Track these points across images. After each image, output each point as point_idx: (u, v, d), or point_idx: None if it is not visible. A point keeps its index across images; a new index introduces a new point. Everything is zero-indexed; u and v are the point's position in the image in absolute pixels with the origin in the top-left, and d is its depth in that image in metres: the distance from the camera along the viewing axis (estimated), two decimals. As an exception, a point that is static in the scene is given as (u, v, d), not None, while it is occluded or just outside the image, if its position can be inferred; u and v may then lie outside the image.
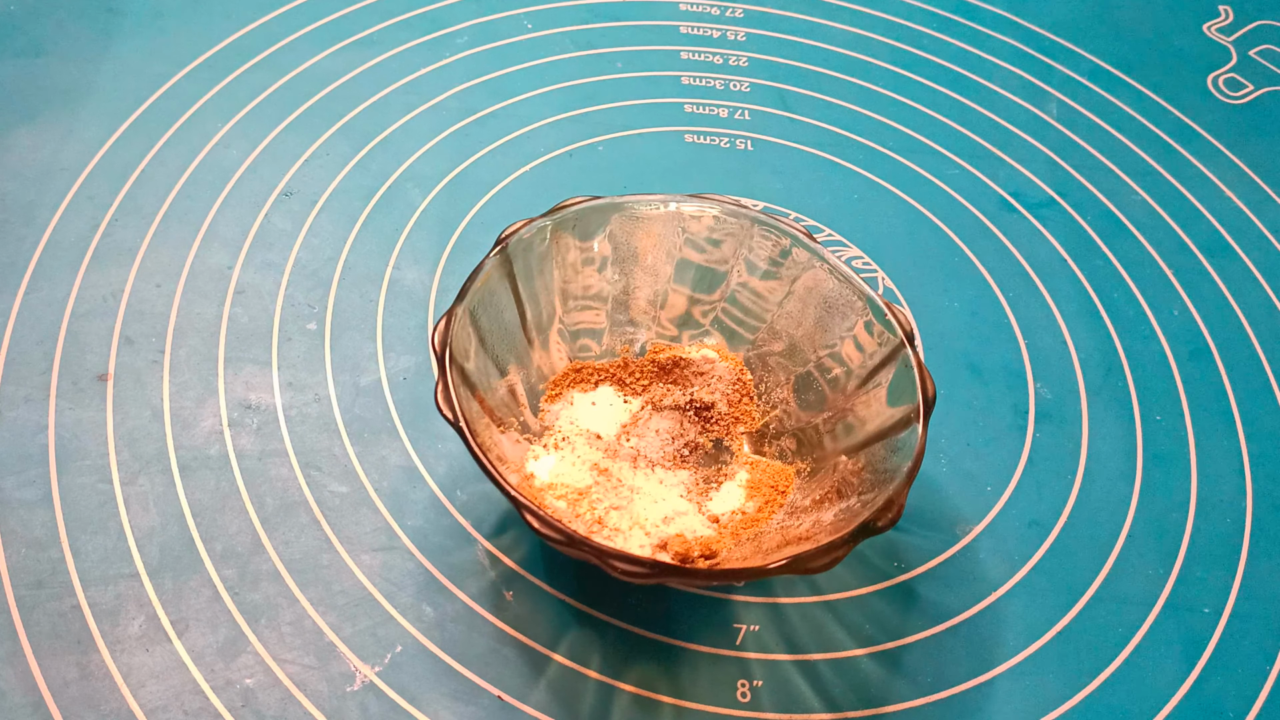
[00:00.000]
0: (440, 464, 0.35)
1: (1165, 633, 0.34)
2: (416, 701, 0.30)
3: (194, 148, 0.44)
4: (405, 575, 0.33)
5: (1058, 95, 0.51)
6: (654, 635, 0.32)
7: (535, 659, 0.32)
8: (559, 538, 0.27)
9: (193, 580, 0.32)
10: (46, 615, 0.31)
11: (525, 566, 0.33)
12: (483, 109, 0.47)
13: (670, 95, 0.49)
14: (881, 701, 0.32)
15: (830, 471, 0.32)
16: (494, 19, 0.51)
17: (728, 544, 0.32)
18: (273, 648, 0.31)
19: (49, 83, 0.45)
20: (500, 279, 0.33)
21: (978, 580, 0.35)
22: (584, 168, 0.45)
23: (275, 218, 0.42)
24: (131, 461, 0.35)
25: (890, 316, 0.32)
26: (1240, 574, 0.35)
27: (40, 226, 0.40)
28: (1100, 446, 0.38)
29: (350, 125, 0.45)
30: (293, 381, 0.37)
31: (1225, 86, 0.52)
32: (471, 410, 0.30)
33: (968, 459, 0.38)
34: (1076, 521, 0.36)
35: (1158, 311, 0.43)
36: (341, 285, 0.40)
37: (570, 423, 0.35)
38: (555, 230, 0.34)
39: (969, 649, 0.33)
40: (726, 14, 0.53)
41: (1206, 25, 0.56)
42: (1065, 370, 0.40)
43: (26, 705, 0.29)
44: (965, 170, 0.47)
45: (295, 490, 0.34)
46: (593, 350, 0.37)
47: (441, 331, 0.30)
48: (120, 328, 0.38)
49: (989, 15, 0.55)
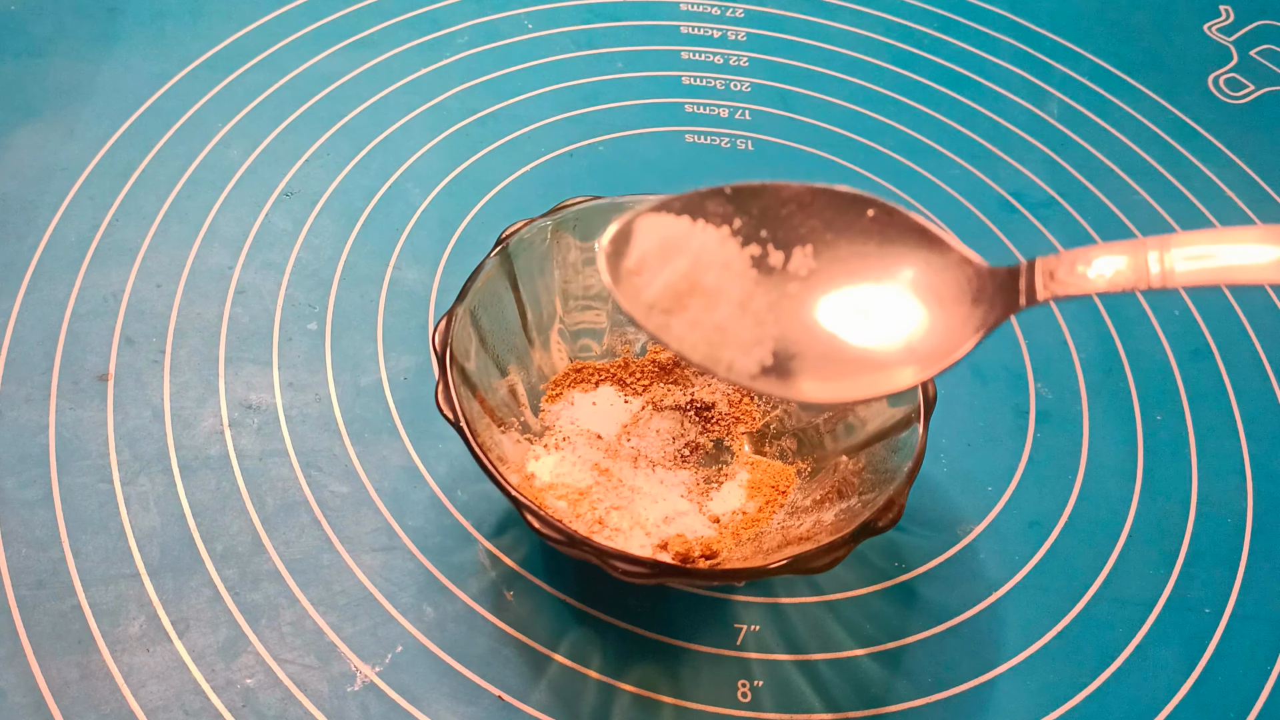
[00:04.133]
0: (441, 464, 0.35)
1: (1165, 633, 0.34)
2: (417, 701, 0.30)
3: (195, 148, 0.44)
4: (406, 575, 0.33)
5: (1058, 95, 0.51)
6: (654, 635, 0.32)
7: (536, 659, 0.32)
8: (559, 538, 0.27)
9: (193, 580, 0.32)
10: (47, 615, 0.31)
11: (526, 566, 0.33)
12: (483, 109, 0.47)
13: (671, 95, 0.49)
14: (882, 701, 0.32)
15: (831, 471, 0.32)
16: (494, 19, 0.51)
17: (728, 544, 0.32)
18: (273, 648, 0.31)
19: (49, 82, 0.45)
20: (501, 279, 0.33)
21: (978, 580, 0.35)
22: (585, 168, 0.45)
23: (276, 218, 0.42)
24: (132, 461, 0.35)
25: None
26: (1241, 574, 0.35)
27: (41, 226, 0.40)
28: (1101, 447, 0.38)
29: (351, 125, 0.45)
30: (293, 381, 0.37)
31: (1226, 86, 0.52)
32: (472, 410, 0.30)
33: (968, 459, 0.38)
34: (1077, 521, 0.36)
35: (1158, 311, 0.43)
36: (342, 285, 0.40)
37: (571, 423, 0.35)
38: (556, 230, 0.34)
39: (969, 649, 0.33)
40: (727, 14, 0.53)
41: (1207, 25, 0.56)
42: (1066, 370, 0.40)
43: (27, 705, 0.29)
44: (966, 170, 0.47)
45: (296, 490, 0.34)
46: (593, 350, 0.37)
47: (442, 331, 0.30)
48: (121, 328, 0.38)
49: (989, 15, 0.55)
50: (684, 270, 0.22)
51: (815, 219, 0.22)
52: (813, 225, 0.22)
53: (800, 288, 0.23)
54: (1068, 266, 0.20)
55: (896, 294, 0.22)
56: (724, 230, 0.23)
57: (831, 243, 0.22)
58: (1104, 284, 0.20)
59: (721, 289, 0.22)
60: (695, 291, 0.22)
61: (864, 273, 0.22)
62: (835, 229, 0.22)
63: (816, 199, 0.22)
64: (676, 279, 0.22)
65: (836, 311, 0.22)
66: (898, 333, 0.22)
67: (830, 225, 0.22)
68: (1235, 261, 0.19)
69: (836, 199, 0.22)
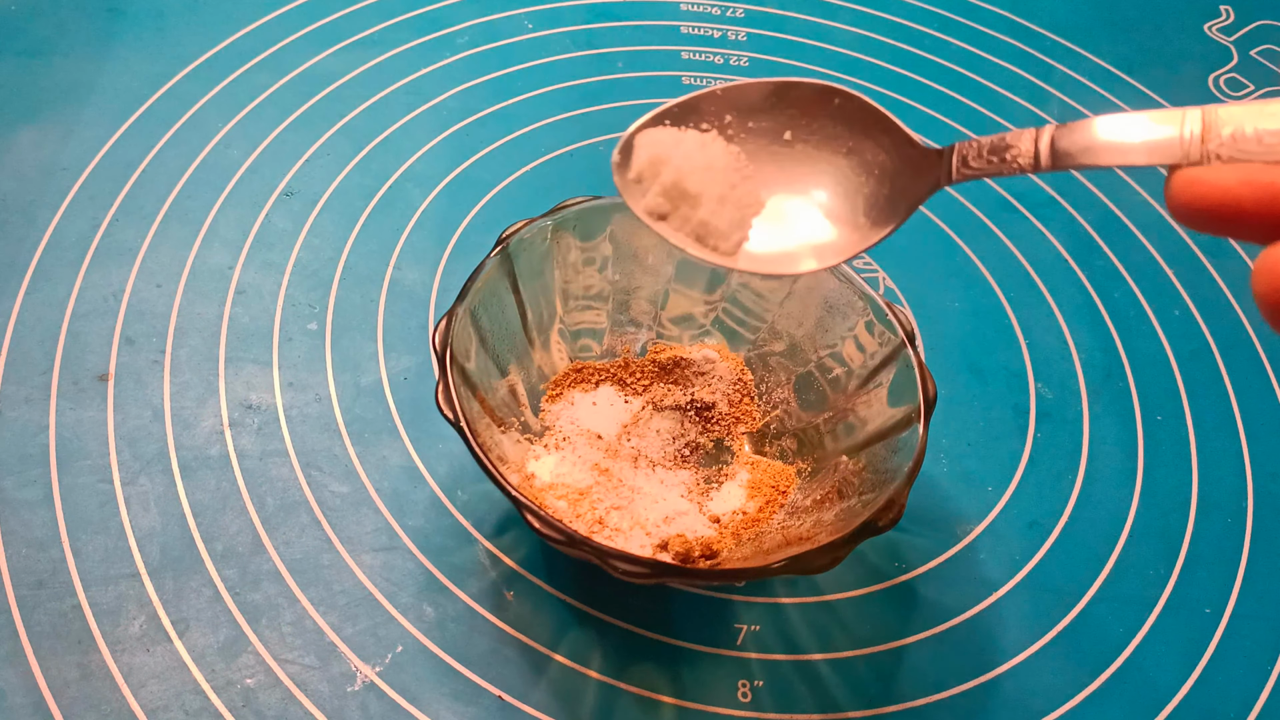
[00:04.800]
0: (441, 464, 0.35)
1: (1165, 633, 0.34)
2: (417, 701, 0.30)
3: (195, 148, 0.44)
4: (406, 575, 0.33)
5: (1058, 95, 0.51)
6: (654, 635, 0.32)
7: (536, 659, 0.32)
8: (560, 538, 0.27)
9: (193, 580, 0.32)
10: (47, 615, 0.31)
11: (526, 566, 0.33)
12: (483, 109, 0.47)
13: (671, 95, 0.48)
14: (882, 701, 0.32)
15: (831, 471, 0.32)
16: (494, 19, 0.51)
17: (728, 544, 0.32)
18: (273, 648, 0.31)
19: (50, 82, 0.45)
20: (501, 279, 0.33)
21: (978, 580, 0.35)
22: (585, 168, 0.45)
23: (276, 218, 0.42)
24: (132, 461, 0.35)
25: (891, 316, 0.32)
26: (1241, 574, 0.35)
27: (41, 226, 0.40)
28: (1101, 447, 0.38)
29: (351, 125, 0.45)
30: (293, 381, 0.37)
31: (1226, 86, 0.52)
32: (472, 410, 0.30)
33: (968, 459, 0.38)
34: (1077, 521, 0.36)
35: (1158, 311, 0.43)
36: (342, 285, 0.40)
37: (571, 423, 0.35)
38: (556, 230, 0.34)
39: (969, 649, 0.33)
40: (727, 14, 0.53)
41: (1207, 25, 0.56)
42: (1066, 370, 0.40)
43: (27, 705, 0.29)
44: (966, 170, 0.47)
45: (296, 490, 0.34)
46: (593, 350, 0.37)
47: (442, 331, 0.30)
48: (121, 328, 0.38)
49: (989, 15, 0.55)
50: (671, 179, 0.27)
51: (793, 108, 0.27)
52: (791, 113, 0.27)
53: (775, 170, 0.27)
54: (975, 151, 0.23)
55: (853, 168, 0.26)
56: (711, 133, 0.27)
57: (805, 126, 0.27)
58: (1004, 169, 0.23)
59: (702, 190, 0.27)
60: (682, 195, 0.27)
61: (830, 151, 0.27)
62: (809, 114, 0.27)
63: (792, 90, 0.27)
64: (667, 186, 0.27)
65: (805, 186, 0.27)
66: (852, 204, 0.26)
67: (805, 112, 0.27)
68: (1111, 141, 0.21)
69: (809, 89, 0.27)
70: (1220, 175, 0.19)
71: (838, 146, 0.27)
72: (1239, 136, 0.20)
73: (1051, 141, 0.22)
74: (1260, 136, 0.19)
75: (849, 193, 0.26)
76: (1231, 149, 0.20)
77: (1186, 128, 0.20)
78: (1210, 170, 0.20)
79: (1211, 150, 0.20)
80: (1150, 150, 0.21)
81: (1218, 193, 0.19)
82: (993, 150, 0.23)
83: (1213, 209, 0.20)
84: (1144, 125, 0.21)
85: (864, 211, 0.26)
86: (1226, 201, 0.19)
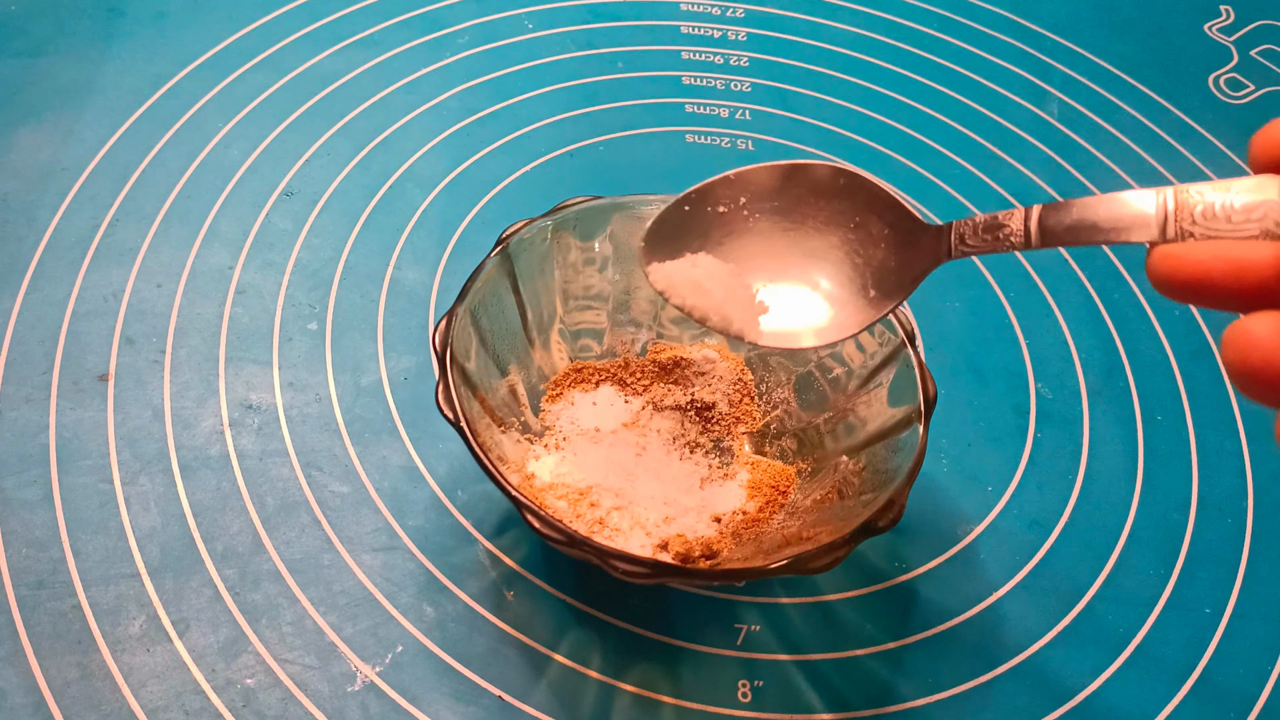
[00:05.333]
0: (441, 464, 0.35)
1: (1165, 633, 0.34)
2: (417, 701, 0.30)
3: (195, 148, 0.44)
4: (406, 575, 0.33)
5: (1058, 95, 0.51)
6: (655, 635, 0.32)
7: (536, 659, 0.32)
8: (560, 538, 0.27)
9: (193, 580, 0.32)
10: (47, 615, 0.31)
11: (526, 566, 0.33)
12: (483, 109, 0.47)
13: (671, 95, 0.49)
14: (882, 701, 0.32)
15: (831, 472, 0.32)
16: (494, 19, 0.51)
17: (728, 544, 0.32)
18: (273, 648, 0.31)
19: (50, 83, 0.45)
20: (501, 279, 0.33)
21: (978, 580, 0.35)
22: (585, 168, 0.45)
23: (276, 218, 0.42)
24: (132, 461, 0.35)
25: (891, 316, 0.32)
26: (1241, 574, 0.35)
27: (41, 226, 0.40)
28: (1101, 447, 0.38)
29: (351, 125, 0.45)
30: (293, 381, 0.37)
31: (1226, 86, 0.52)
32: (472, 410, 0.30)
33: (968, 459, 0.38)
34: (1077, 521, 0.36)
35: (1158, 311, 0.43)
36: (342, 285, 0.40)
37: (571, 423, 0.35)
38: (556, 230, 0.34)
39: (969, 649, 0.33)
40: (727, 14, 0.53)
41: (1207, 25, 0.56)
42: (1066, 370, 0.40)
43: (27, 705, 0.29)
44: (966, 170, 0.47)
45: (296, 490, 0.34)
46: (594, 350, 0.37)
47: (442, 331, 0.30)
48: (121, 328, 0.38)
49: (989, 15, 0.55)
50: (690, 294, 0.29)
51: (801, 187, 0.29)
52: (799, 193, 0.29)
53: (787, 246, 0.29)
54: (971, 230, 0.25)
55: (861, 241, 0.28)
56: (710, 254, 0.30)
57: (814, 204, 0.29)
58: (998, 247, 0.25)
59: (723, 291, 0.29)
60: (702, 294, 0.29)
61: (838, 226, 0.29)
62: (817, 193, 0.29)
63: (800, 172, 0.29)
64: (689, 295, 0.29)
65: (816, 260, 0.29)
66: (861, 276, 0.28)
67: (813, 190, 0.29)
68: (1091, 221, 0.22)
69: (817, 171, 0.29)
70: (1194, 251, 0.21)
71: (845, 221, 0.28)
72: (1209, 214, 0.21)
73: (1039, 220, 0.23)
74: (1229, 215, 0.21)
75: (857, 265, 0.28)
76: (1204, 227, 0.21)
77: (1161, 208, 0.21)
78: (1185, 246, 0.21)
79: (1185, 228, 0.21)
80: (1129, 230, 0.22)
81: (1191, 267, 0.21)
82: (987, 229, 0.25)
83: (1188, 283, 0.21)
84: (1122, 207, 0.22)
85: (873, 284, 0.28)
86: (1199, 275, 0.21)
